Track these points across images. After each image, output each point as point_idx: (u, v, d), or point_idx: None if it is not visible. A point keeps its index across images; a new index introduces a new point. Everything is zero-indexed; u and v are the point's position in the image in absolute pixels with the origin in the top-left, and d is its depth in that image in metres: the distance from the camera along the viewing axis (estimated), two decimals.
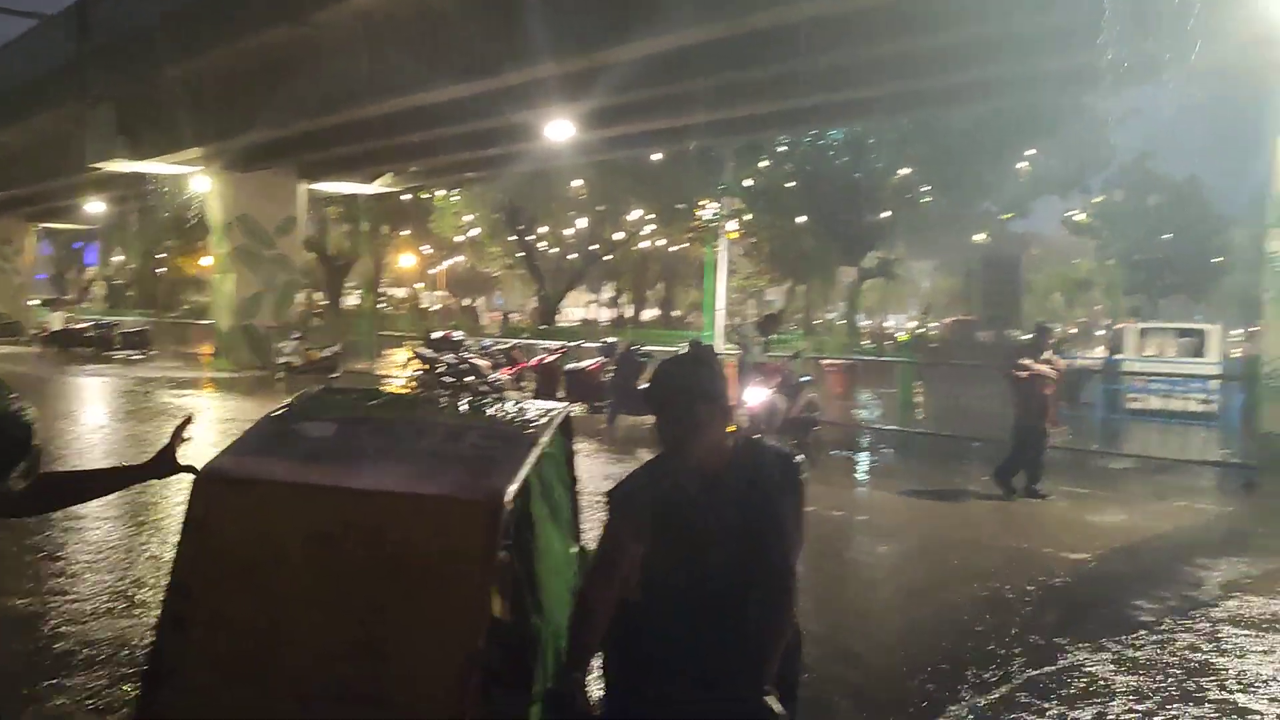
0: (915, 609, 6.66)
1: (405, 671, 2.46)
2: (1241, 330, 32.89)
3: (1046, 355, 10.45)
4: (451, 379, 18.19)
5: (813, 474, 2.50)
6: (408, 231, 47.51)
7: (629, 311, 57.75)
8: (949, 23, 13.55)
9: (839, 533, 8.70)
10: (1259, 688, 5.14)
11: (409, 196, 39.29)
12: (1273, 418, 11.53)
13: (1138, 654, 5.62)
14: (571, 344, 20.57)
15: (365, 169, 27.89)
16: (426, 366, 18.92)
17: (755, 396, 12.47)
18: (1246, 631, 6.09)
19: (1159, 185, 49.10)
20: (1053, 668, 5.38)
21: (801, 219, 35.16)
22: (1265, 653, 5.71)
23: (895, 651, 5.77)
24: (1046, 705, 4.83)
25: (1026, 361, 10.30)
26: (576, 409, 14.75)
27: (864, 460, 13.78)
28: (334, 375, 22.07)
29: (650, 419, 2.57)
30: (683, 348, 2.71)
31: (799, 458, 2.54)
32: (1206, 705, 4.88)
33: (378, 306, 48.06)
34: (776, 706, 2.37)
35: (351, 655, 2.49)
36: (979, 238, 43.83)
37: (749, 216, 33.86)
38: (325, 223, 42.18)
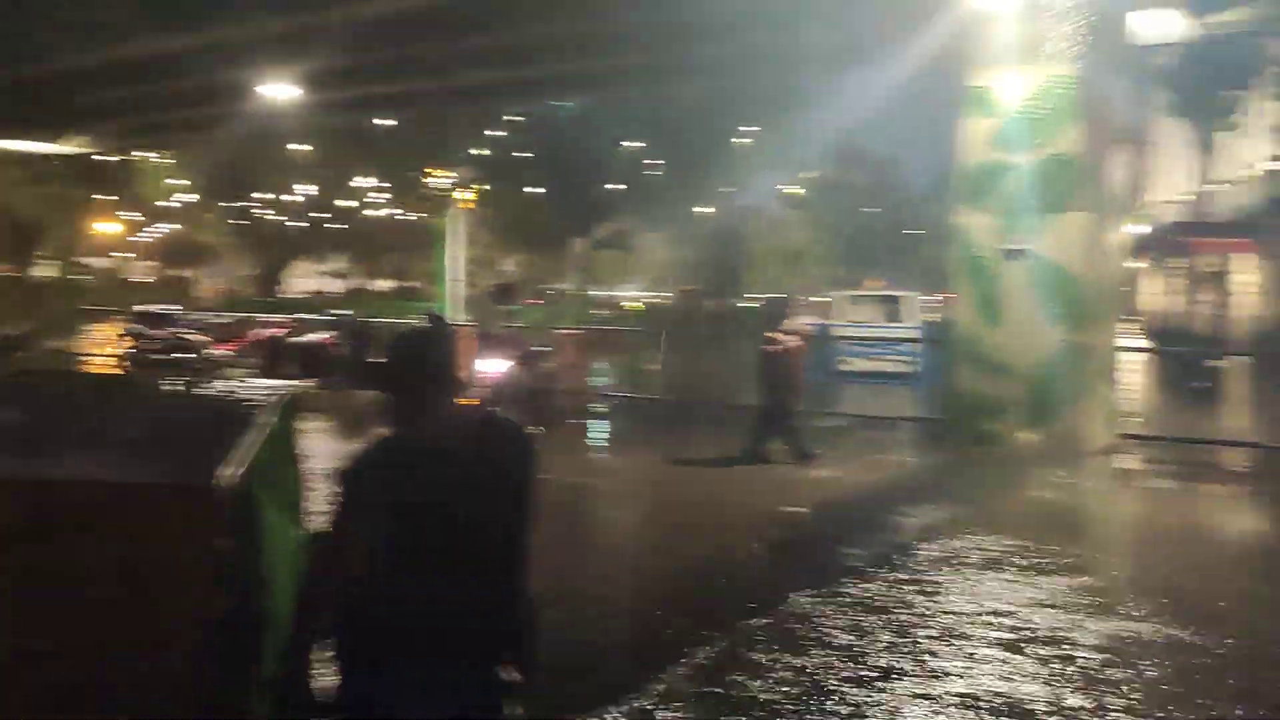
0: (648, 566, 6.92)
1: (124, 669, 2.30)
2: (936, 297, 36.16)
3: (793, 324, 10.71)
4: (164, 357, 17.00)
5: (550, 443, 2.53)
6: (111, 196, 43.70)
7: (361, 282, 56.06)
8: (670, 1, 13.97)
9: (576, 499, 8.86)
10: (956, 619, 5.71)
11: (112, 158, 36.15)
12: (963, 377, 12.70)
13: (850, 595, 6.09)
14: (300, 317, 19.72)
15: (55, 127, 25.37)
16: (136, 343, 17.59)
17: (493, 367, 12.45)
18: (942, 570, 6.75)
19: (864, 163, 53.13)
20: (775, 612, 5.75)
21: (536, 190, 35.40)
22: (958, 587, 6.35)
23: (629, 608, 6.00)
24: (770, 646, 5.16)
25: (775, 335, 10.47)
26: (306, 385, 14.18)
27: (600, 428, 14.08)
28: (22, 355, 20.04)
29: (382, 394, 2.51)
30: (420, 320, 2.66)
31: (532, 429, 2.57)
32: (911, 636, 5.38)
33: (76, 279, 44.05)
34: (510, 676, 2.40)
35: (64, 658, 2.30)
36: (704, 210, 45.73)
37: (485, 186, 33.70)
38: (9, 186, 38.02)
